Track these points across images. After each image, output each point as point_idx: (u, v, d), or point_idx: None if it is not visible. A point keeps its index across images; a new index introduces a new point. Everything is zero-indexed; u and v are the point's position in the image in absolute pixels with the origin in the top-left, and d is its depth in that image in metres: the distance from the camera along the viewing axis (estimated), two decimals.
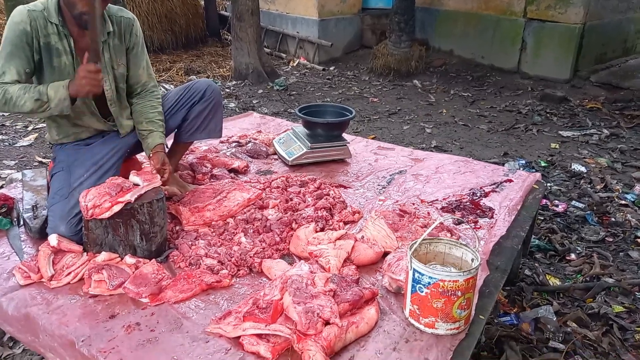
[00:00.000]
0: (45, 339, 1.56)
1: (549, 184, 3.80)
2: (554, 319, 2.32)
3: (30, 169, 2.77)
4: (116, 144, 2.18)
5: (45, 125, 2.09)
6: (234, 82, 6.84)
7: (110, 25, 2.05)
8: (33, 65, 1.94)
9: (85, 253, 1.84)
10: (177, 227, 2.10)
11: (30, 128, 4.82)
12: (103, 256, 1.78)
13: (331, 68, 7.72)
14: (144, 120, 2.16)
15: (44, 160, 4.04)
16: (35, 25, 1.90)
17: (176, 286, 1.69)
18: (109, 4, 2.06)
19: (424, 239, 1.59)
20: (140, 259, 1.81)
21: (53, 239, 1.82)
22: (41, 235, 1.97)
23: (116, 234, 1.79)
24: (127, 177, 1.95)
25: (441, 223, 2.12)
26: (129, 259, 1.79)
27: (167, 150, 2.31)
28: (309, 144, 2.77)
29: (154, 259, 1.82)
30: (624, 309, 2.45)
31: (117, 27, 2.09)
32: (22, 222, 2.09)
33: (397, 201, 2.40)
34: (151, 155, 2.11)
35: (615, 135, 4.99)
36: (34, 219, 2.04)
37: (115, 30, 2.08)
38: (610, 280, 2.65)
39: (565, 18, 6.53)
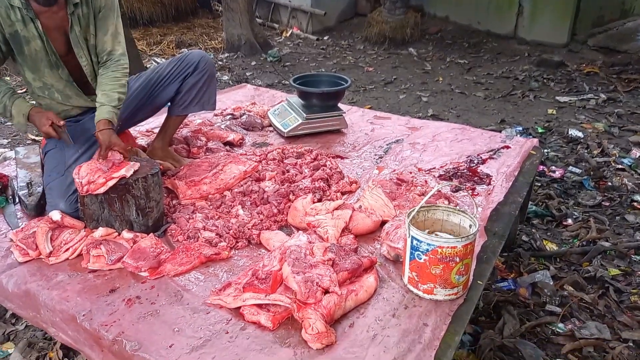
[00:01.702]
0: (47, 314, 1.57)
1: (546, 150, 3.79)
2: (551, 283, 2.35)
3: (23, 146, 2.75)
4: None
5: (34, 103, 2.04)
6: (226, 55, 6.73)
7: None
8: (1, 54, 1.91)
9: (83, 229, 1.83)
10: (174, 202, 2.09)
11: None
12: (100, 231, 1.77)
13: (325, 38, 7.59)
14: (100, 92, 1.97)
15: (36, 138, 4.00)
16: None
17: (175, 259, 1.69)
18: None
19: (421, 207, 1.59)
20: (138, 234, 1.80)
21: (56, 214, 1.81)
22: (37, 211, 1.96)
23: (112, 209, 1.78)
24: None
25: (439, 190, 2.11)
26: (127, 234, 1.78)
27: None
28: (305, 115, 2.74)
29: (151, 234, 1.82)
30: (620, 272, 2.48)
31: None
32: (17, 200, 2.08)
33: (394, 170, 2.39)
34: (96, 134, 1.90)
35: (613, 99, 4.96)
36: (29, 195, 2.02)
37: None
38: (607, 244, 2.67)
39: None
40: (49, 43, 1.92)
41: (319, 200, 2.05)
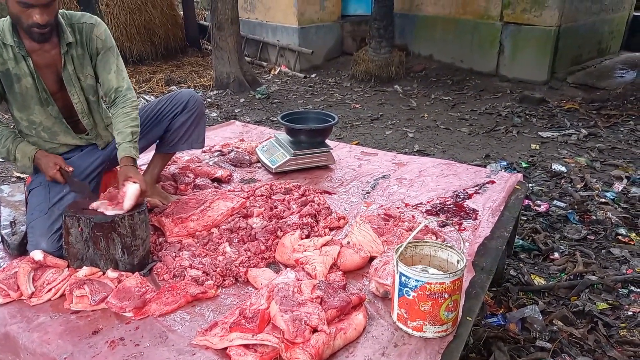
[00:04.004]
0: (27, 358, 1.52)
1: (530, 185, 3.85)
2: (540, 318, 2.34)
3: (7, 184, 2.72)
4: (95, 157, 2.15)
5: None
6: (215, 92, 6.81)
7: (69, 35, 1.96)
8: None
9: (66, 268, 1.80)
10: (161, 239, 2.07)
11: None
12: (84, 271, 1.74)
13: (312, 75, 7.74)
14: (115, 132, 2.03)
15: (21, 176, 3.96)
16: None
17: (160, 299, 1.66)
18: (72, 12, 2.03)
19: (409, 243, 1.59)
20: (123, 273, 1.77)
21: (38, 254, 1.78)
22: (20, 251, 1.93)
23: (97, 247, 1.76)
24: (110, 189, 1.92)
25: (426, 226, 2.12)
26: (111, 273, 1.75)
27: (149, 162, 2.23)
28: (292, 151, 2.76)
29: (137, 272, 1.79)
30: (608, 306, 2.48)
31: (79, 35, 2.00)
32: (0, 239, 2.04)
33: (381, 205, 2.40)
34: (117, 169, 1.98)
35: (593, 134, 5.09)
36: (12, 235, 1.99)
37: (77, 39, 1.99)
38: (594, 278, 2.68)
39: (540, 21, 6.65)
40: (40, 80, 1.94)
41: (307, 237, 2.05)
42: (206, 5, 9.87)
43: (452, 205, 2.38)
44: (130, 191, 1.81)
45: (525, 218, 3.36)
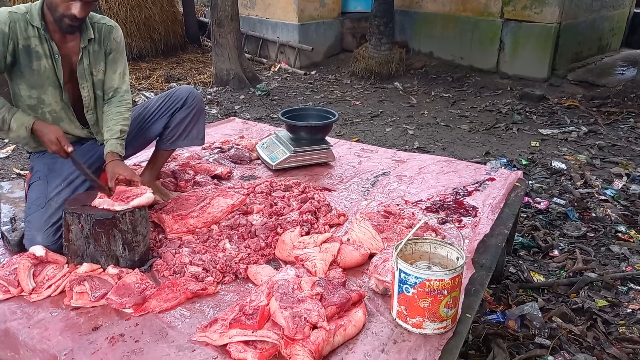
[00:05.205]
0: (26, 355, 1.52)
1: (530, 182, 3.85)
2: (540, 315, 2.34)
3: (7, 181, 2.72)
4: (94, 152, 2.15)
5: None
6: (215, 89, 6.80)
7: (91, 32, 2.03)
8: (4, 64, 1.92)
9: (66, 264, 1.80)
10: (161, 236, 2.08)
11: (7, 140, 4.72)
12: (85, 267, 1.74)
13: (312, 72, 7.73)
14: (105, 129, 2.07)
15: (21, 172, 3.95)
16: (14, 27, 1.89)
17: (160, 295, 1.66)
18: (93, 13, 2.07)
19: (409, 239, 1.59)
20: (123, 269, 1.78)
21: (39, 250, 1.79)
22: (20, 247, 1.93)
23: (98, 244, 1.76)
24: (106, 185, 1.91)
25: (426, 223, 2.13)
26: (112, 270, 1.75)
27: (149, 158, 2.21)
28: (293, 148, 2.76)
29: (137, 269, 1.79)
30: (607, 303, 2.48)
31: (98, 33, 2.07)
32: (0, 235, 2.04)
33: (381, 202, 2.40)
34: (104, 166, 1.99)
35: (593, 132, 5.09)
36: (13, 231, 1.99)
37: (96, 37, 2.06)
38: (593, 275, 2.68)
39: (541, 18, 6.64)
40: (59, 66, 1.97)
41: (307, 233, 2.05)
42: (206, 2, 9.86)
43: (452, 203, 2.38)
44: (144, 198, 1.82)
45: (525, 215, 3.36)
